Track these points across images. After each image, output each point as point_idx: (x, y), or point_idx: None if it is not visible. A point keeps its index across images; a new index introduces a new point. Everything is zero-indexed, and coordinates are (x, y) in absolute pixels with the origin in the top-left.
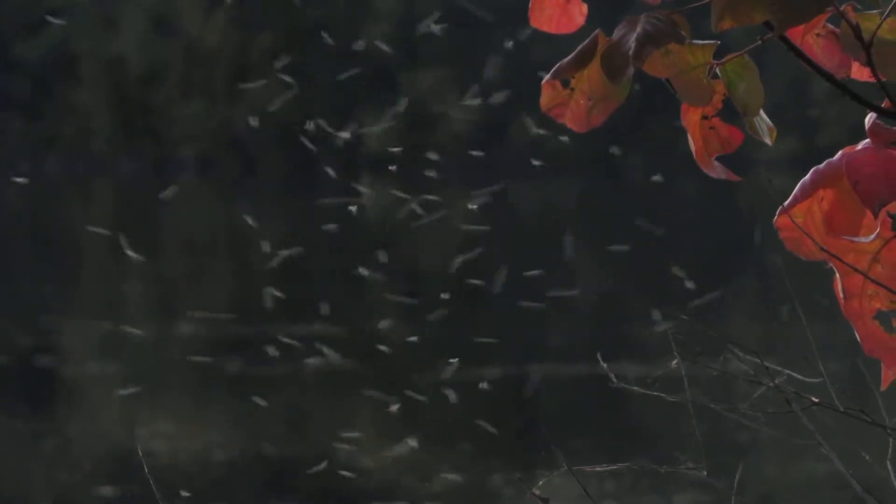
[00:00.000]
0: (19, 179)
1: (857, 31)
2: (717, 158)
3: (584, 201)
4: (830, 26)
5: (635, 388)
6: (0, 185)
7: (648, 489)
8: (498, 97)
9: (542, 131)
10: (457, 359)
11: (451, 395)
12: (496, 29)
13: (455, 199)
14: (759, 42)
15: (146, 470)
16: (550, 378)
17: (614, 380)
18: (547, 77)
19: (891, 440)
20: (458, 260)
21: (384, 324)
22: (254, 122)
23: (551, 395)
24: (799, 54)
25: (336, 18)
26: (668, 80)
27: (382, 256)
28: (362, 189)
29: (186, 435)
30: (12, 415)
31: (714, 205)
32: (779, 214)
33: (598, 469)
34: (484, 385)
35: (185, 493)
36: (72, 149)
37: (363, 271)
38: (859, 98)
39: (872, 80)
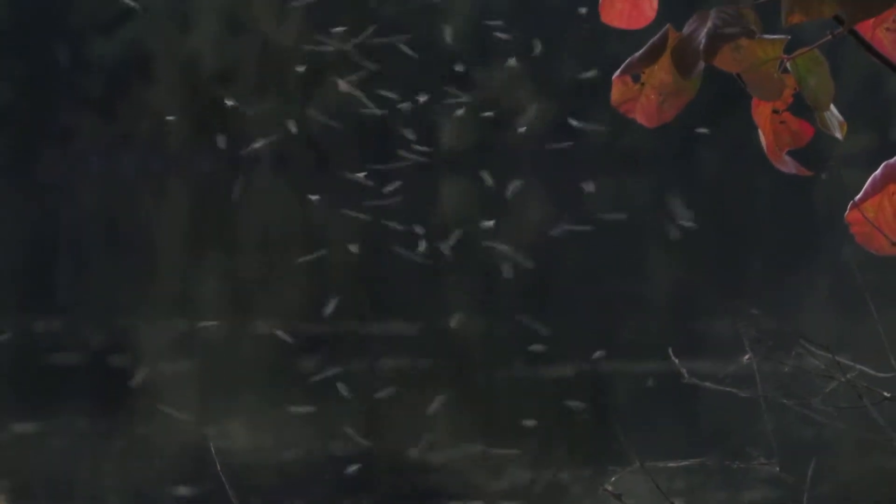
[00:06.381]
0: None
1: None
2: (788, 153)
3: (656, 196)
4: None
5: (707, 383)
6: (74, 183)
7: (720, 485)
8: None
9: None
10: (528, 351)
11: (523, 391)
12: (570, 23)
13: (529, 195)
14: (830, 36)
15: (219, 468)
16: (621, 374)
17: (686, 375)
18: (617, 72)
19: None
20: (531, 255)
21: (456, 320)
22: (327, 118)
23: (622, 391)
24: (869, 48)
25: (411, 15)
26: (738, 74)
27: (453, 253)
28: (437, 185)
29: (260, 433)
30: (87, 414)
31: (785, 199)
32: (850, 209)
33: (670, 465)
34: (555, 380)
35: (258, 492)
36: (146, 147)
37: (436, 267)
38: None
39: None
